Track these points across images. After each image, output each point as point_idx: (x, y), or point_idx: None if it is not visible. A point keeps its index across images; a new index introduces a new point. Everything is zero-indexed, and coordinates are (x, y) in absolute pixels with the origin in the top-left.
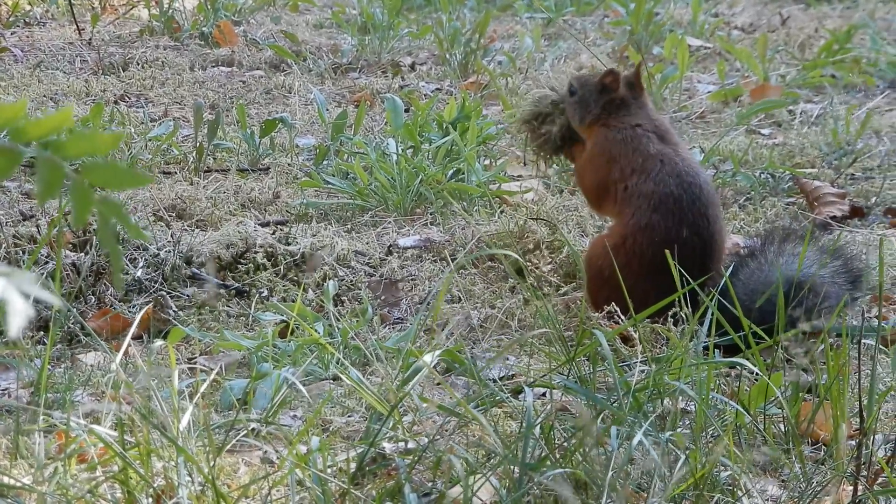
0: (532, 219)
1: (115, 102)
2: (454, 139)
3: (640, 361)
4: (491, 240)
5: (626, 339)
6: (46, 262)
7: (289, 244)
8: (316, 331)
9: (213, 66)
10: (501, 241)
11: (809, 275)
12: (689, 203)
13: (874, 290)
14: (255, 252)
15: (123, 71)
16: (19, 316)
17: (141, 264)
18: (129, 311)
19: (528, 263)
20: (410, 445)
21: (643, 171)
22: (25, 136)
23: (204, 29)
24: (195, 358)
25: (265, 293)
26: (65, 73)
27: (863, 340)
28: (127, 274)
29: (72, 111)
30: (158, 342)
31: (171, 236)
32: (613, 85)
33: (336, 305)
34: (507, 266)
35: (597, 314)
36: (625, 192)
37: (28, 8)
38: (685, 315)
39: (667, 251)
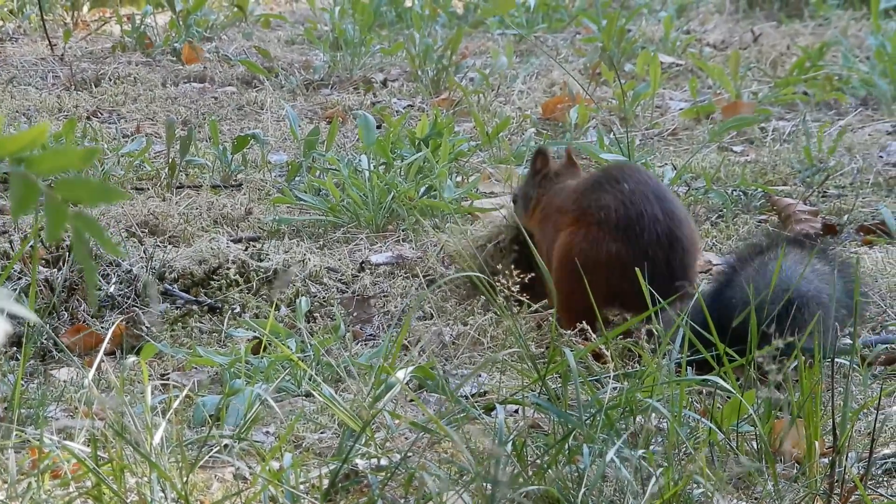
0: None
1: (88, 118)
2: (426, 156)
3: (613, 378)
4: (461, 256)
5: (598, 356)
6: (20, 278)
7: (261, 260)
8: (288, 347)
9: (186, 82)
10: (480, 245)
11: (817, 290)
12: (617, 172)
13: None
14: (228, 268)
15: (96, 87)
16: None
17: (114, 280)
18: (102, 327)
19: (498, 283)
20: (383, 462)
21: (574, 190)
22: (1, 152)
23: (176, 45)
24: (168, 374)
25: (238, 309)
26: (37, 88)
27: (836, 358)
28: (100, 290)
29: (47, 127)
30: (131, 358)
31: (144, 252)
32: (543, 163)
33: (308, 322)
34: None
35: (569, 331)
36: (564, 215)
37: (0, 23)
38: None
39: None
